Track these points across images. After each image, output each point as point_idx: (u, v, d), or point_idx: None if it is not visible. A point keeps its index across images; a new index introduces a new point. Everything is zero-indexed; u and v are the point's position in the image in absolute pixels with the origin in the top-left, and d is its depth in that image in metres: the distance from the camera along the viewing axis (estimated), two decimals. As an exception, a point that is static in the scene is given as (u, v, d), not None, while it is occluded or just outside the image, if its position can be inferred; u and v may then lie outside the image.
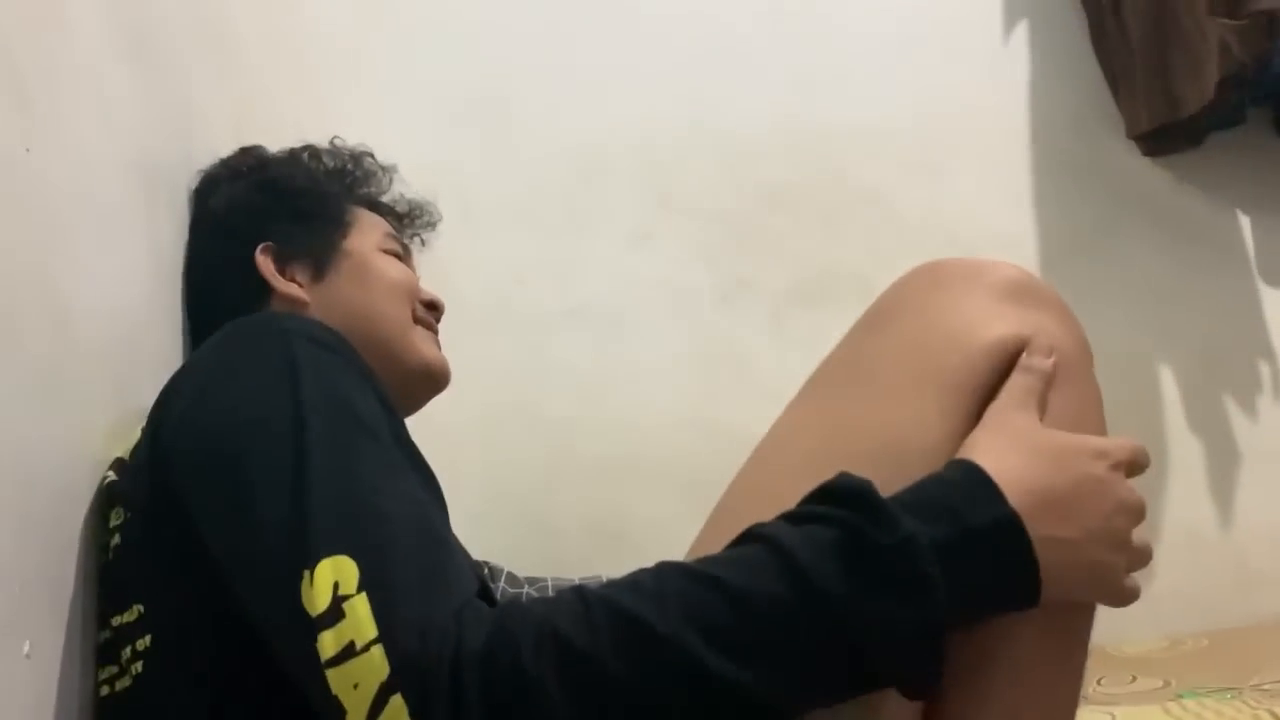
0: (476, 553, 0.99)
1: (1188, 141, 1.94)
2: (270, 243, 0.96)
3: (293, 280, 0.95)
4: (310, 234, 0.98)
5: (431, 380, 0.99)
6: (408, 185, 1.15)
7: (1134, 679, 1.36)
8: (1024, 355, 0.66)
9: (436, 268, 1.06)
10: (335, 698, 0.52)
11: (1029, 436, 0.63)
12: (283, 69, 1.49)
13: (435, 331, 1.03)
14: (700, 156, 1.91)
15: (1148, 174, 2.00)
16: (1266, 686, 1.11)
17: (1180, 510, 1.89)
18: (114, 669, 0.67)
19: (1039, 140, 1.99)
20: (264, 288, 0.94)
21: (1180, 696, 1.10)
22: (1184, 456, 1.92)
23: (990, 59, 2.01)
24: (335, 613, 0.54)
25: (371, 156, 1.10)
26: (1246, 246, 2.01)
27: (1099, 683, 1.35)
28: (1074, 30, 2.02)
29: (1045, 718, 0.64)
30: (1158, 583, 1.84)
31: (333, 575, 0.55)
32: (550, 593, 1.39)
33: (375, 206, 1.07)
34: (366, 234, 1.01)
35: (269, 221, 0.98)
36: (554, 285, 1.85)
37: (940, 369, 0.66)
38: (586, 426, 1.78)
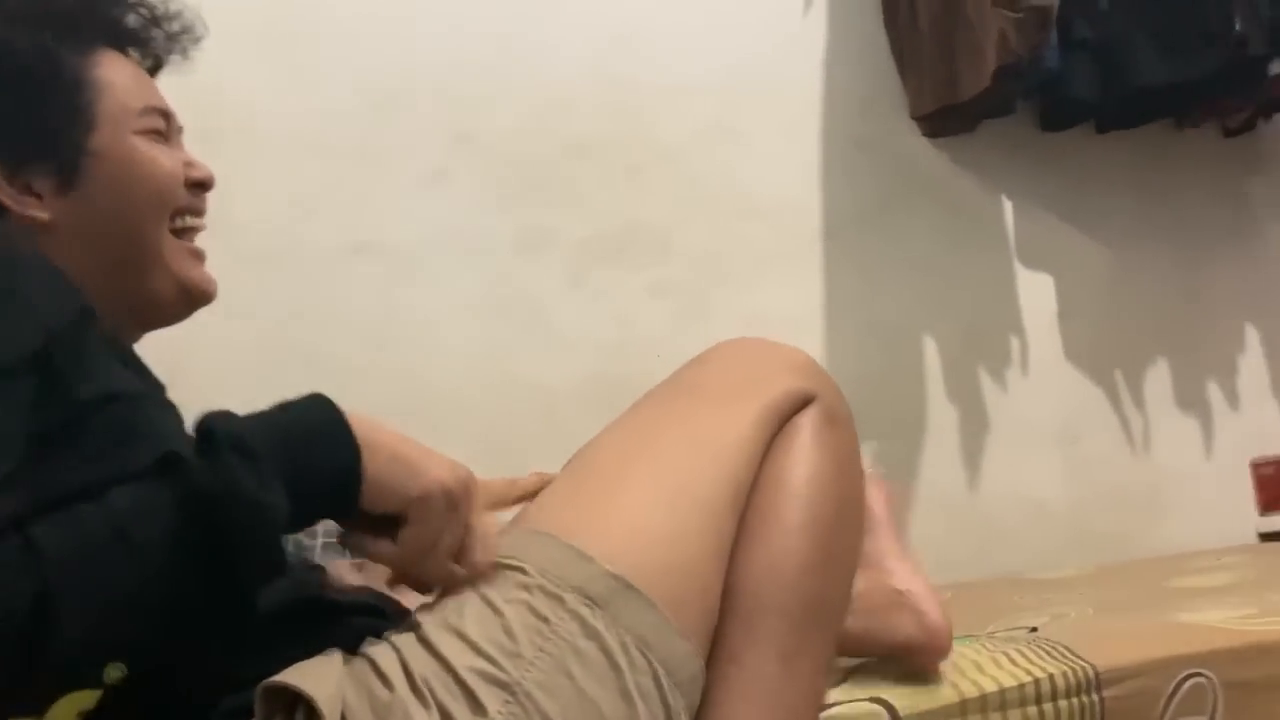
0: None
1: (963, 126, 2.06)
2: None
3: (28, 193, 0.80)
4: (44, 126, 0.81)
5: (190, 300, 0.89)
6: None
7: (886, 627, 1.44)
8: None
9: (215, 194, 0.98)
10: None
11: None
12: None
13: (200, 218, 0.91)
14: (505, 100, 1.87)
15: (927, 154, 2.11)
16: (999, 634, 1.21)
17: (934, 473, 2.03)
18: None
19: (831, 113, 2.07)
20: None
21: (925, 643, 1.18)
22: (940, 424, 2.06)
23: (792, 30, 2.06)
24: None
25: None
26: (1008, 230, 2.17)
27: (854, 630, 1.43)
28: (870, 8, 2.10)
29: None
30: (910, 540, 1.99)
31: None
32: (319, 540, 1.34)
33: (115, 36, 0.89)
34: (118, 118, 0.84)
35: None
36: (341, 220, 1.76)
37: (752, 391, 0.80)
38: (371, 372, 1.72)
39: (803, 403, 0.81)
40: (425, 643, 0.65)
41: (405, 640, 0.66)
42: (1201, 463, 2.19)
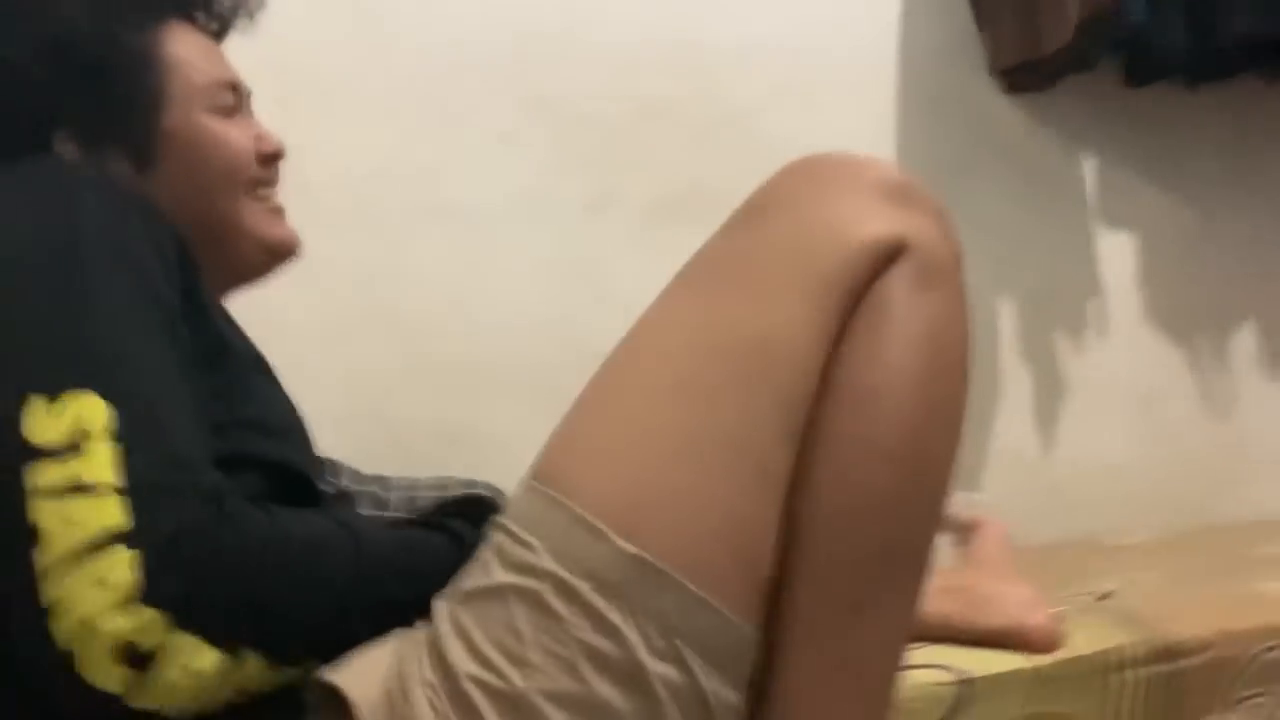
0: (324, 451, 0.97)
1: (1044, 82, 2.00)
2: (69, 130, 0.80)
3: (106, 174, 0.80)
4: (118, 112, 0.82)
5: (276, 258, 0.93)
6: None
7: (954, 590, 1.44)
8: None
9: (290, 157, 1.00)
10: (33, 525, 0.53)
11: None
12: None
13: (274, 187, 0.93)
14: (571, 63, 1.86)
15: (1004, 112, 2.06)
16: (1070, 599, 1.20)
17: (1006, 436, 2.00)
18: None
19: (905, 70, 2.02)
20: None
21: (994, 607, 1.17)
22: (1014, 386, 2.02)
23: (864, -15, 2.02)
24: (71, 449, 0.55)
25: None
26: (1085, 189, 2.11)
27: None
28: (947, -40, 2.05)
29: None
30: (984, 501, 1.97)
31: (77, 410, 0.56)
32: (390, 492, 1.38)
33: (181, 5, 0.90)
34: (188, 96, 0.85)
35: (61, 98, 0.80)
36: (414, 183, 1.78)
37: (816, 268, 0.64)
38: (442, 330, 1.75)
39: (892, 252, 0.65)
40: (434, 647, 0.61)
41: (425, 640, 0.63)
42: (1287, 428, 2.12)
